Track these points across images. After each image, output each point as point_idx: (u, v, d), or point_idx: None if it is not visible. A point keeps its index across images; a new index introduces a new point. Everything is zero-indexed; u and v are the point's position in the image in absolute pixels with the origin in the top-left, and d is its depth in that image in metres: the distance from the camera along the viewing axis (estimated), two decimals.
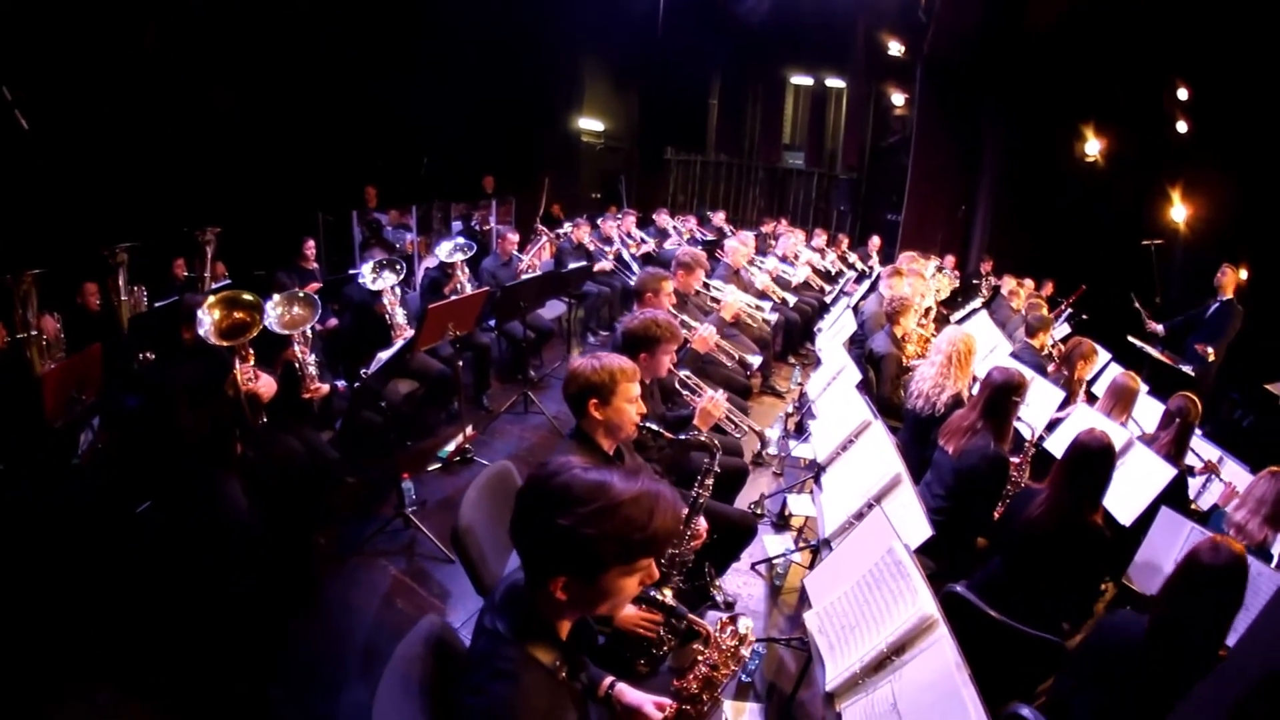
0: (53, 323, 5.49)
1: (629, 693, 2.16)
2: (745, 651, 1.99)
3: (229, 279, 7.03)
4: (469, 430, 5.80)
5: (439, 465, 5.56)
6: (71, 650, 3.65)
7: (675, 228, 10.50)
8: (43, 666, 3.55)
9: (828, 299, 8.83)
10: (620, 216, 9.89)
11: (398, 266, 5.67)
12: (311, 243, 7.94)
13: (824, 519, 3.65)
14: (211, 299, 4.01)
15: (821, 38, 14.32)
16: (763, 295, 7.19)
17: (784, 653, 3.92)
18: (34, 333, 5.14)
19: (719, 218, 12.04)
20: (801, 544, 4.70)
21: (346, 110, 10.53)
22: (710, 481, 3.01)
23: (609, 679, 2.20)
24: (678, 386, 4.16)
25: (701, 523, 3.07)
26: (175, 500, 4.21)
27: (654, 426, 3.09)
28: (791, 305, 7.99)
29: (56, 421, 4.35)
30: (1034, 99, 12.38)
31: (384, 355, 4.73)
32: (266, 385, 4.07)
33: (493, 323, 6.76)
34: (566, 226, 8.91)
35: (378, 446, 5.46)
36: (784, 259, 8.90)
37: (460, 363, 5.64)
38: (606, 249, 8.82)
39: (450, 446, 5.69)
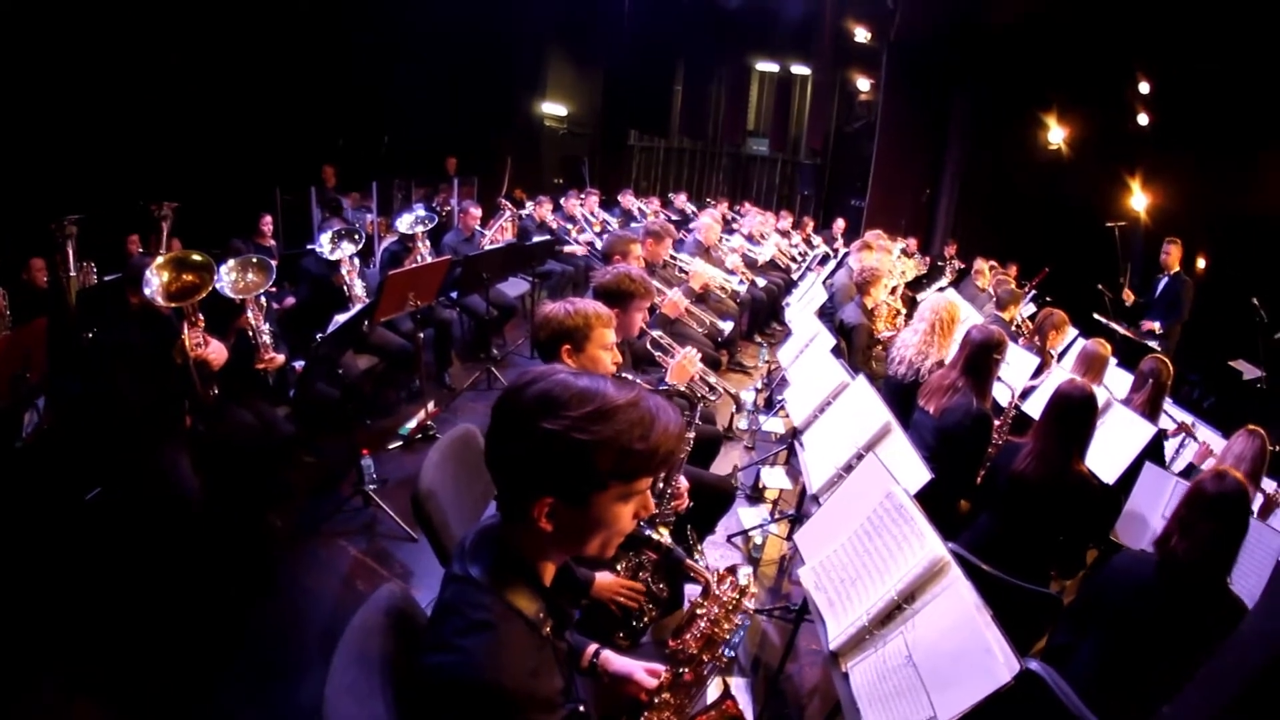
0: None
1: (616, 660, 1.95)
2: (748, 604, 1.79)
3: None
4: (431, 407, 5.62)
5: (400, 443, 5.39)
6: (13, 641, 3.42)
7: (640, 209, 10.42)
8: None
9: (795, 277, 8.76)
10: (584, 196, 9.75)
11: (356, 237, 5.47)
12: (269, 219, 7.85)
13: (810, 476, 3.50)
14: (160, 260, 3.79)
15: (787, 24, 14.37)
16: (731, 273, 7.09)
17: (767, 625, 3.82)
18: None
19: (681, 199, 12.04)
20: (777, 515, 4.60)
21: (307, 87, 10.30)
22: (691, 435, 2.90)
23: (593, 646, 1.98)
24: (649, 347, 4.01)
25: (683, 481, 2.92)
26: (122, 478, 3.97)
27: (630, 377, 2.93)
28: (759, 286, 7.91)
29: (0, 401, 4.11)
30: (999, 87, 12.60)
31: (341, 318, 4.53)
32: (217, 352, 3.86)
33: (455, 295, 6.55)
34: (530, 205, 8.76)
35: (335, 423, 5.21)
36: (750, 238, 8.82)
37: (421, 336, 5.46)
38: (570, 227, 8.69)
39: (412, 424, 5.52)
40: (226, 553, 3.97)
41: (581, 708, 1.65)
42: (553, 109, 15.39)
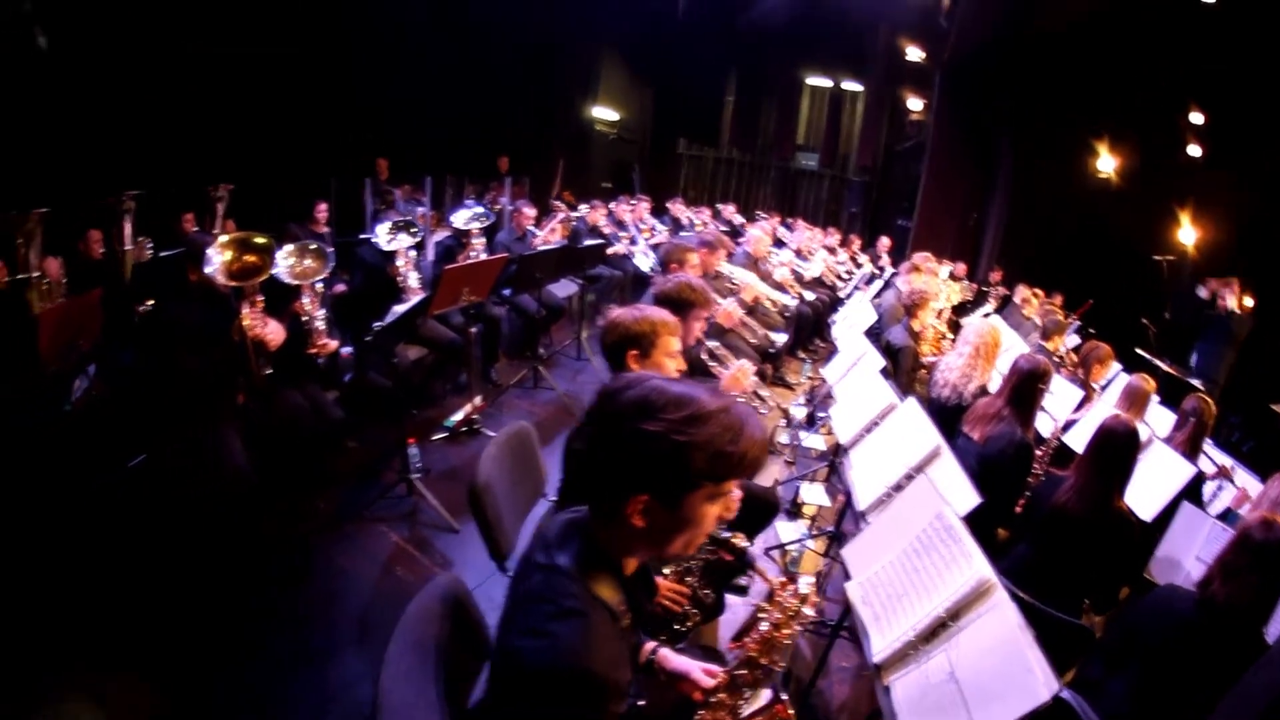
0: (56, 266, 5.40)
1: (673, 658, 1.99)
2: (808, 612, 1.85)
3: None
4: (478, 401, 5.69)
5: (445, 434, 5.47)
6: (50, 612, 3.49)
7: (689, 218, 10.46)
8: (21, 631, 3.40)
9: (841, 294, 8.77)
10: (634, 203, 9.84)
11: (414, 230, 5.55)
12: (324, 206, 7.87)
13: (857, 494, 3.56)
14: (224, 239, 3.90)
15: (841, 40, 14.35)
16: (779, 287, 7.11)
17: (800, 640, 3.86)
18: (35, 274, 5.05)
19: (730, 210, 12.01)
20: (816, 532, 4.66)
21: (365, 80, 10.56)
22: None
23: (651, 644, 2.04)
24: (704, 358, 4.09)
25: (735, 489, 2.99)
26: (174, 451, 4.01)
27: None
28: (806, 301, 7.95)
29: (51, 366, 4.22)
30: (1050, 113, 12.42)
31: (399, 309, 4.58)
32: (275, 332, 3.94)
33: (507, 293, 6.64)
34: (583, 208, 8.85)
35: (382, 411, 5.33)
36: (798, 253, 8.85)
37: (473, 330, 5.57)
38: (621, 234, 8.76)
39: (458, 416, 5.59)
40: (268, 532, 4.07)
41: (641, 701, 1.74)
42: (603, 113, 15.45)
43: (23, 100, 6.74)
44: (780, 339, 5.40)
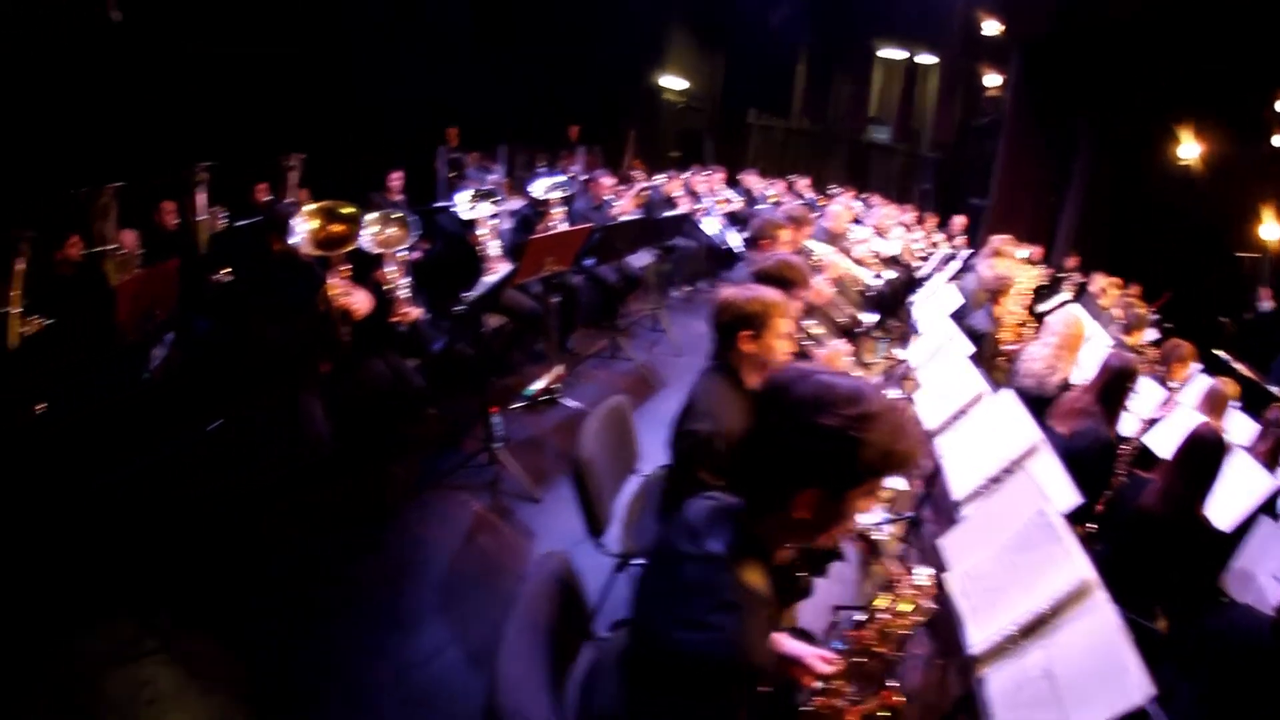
0: (132, 237, 5.50)
1: (789, 642, 1.99)
2: (926, 604, 1.88)
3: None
4: (558, 370, 5.72)
5: (523, 404, 5.49)
6: (131, 570, 3.54)
7: (763, 191, 10.39)
8: (97, 582, 3.46)
9: (919, 274, 8.62)
10: (708, 173, 9.77)
11: (495, 199, 5.55)
12: (398, 174, 7.90)
13: (951, 483, 3.54)
14: (310, 208, 3.93)
15: (916, 11, 14.00)
16: (859, 265, 7.03)
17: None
18: (111, 246, 5.14)
19: (803, 184, 11.84)
20: (895, 516, 4.66)
21: (434, 48, 10.60)
22: None
23: None
24: (800, 338, 4.08)
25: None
26: (257, 419, 4.00)
27: None
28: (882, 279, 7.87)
29: (129, 335, 4.27)
30: (1133, 95, 11.98)
31: (489, 280, 4.62)
32: (361, 301, 3.97)
33: (589, 263, 6.64)
34: (658, 178, 8.83)
35: (463, 379, 5.32)
36: (876, 231, 8.74)
37: (553, 300, 5.61)
38: (695, 205, 8.72)
39: (538, 385, 5.60)
40: (348, 499, 4.12)
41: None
42: (672, 82, 15.32)
43: (96, 75, 6.86)
44: (870, 319, 5.37)
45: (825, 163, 16.29)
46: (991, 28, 13.00)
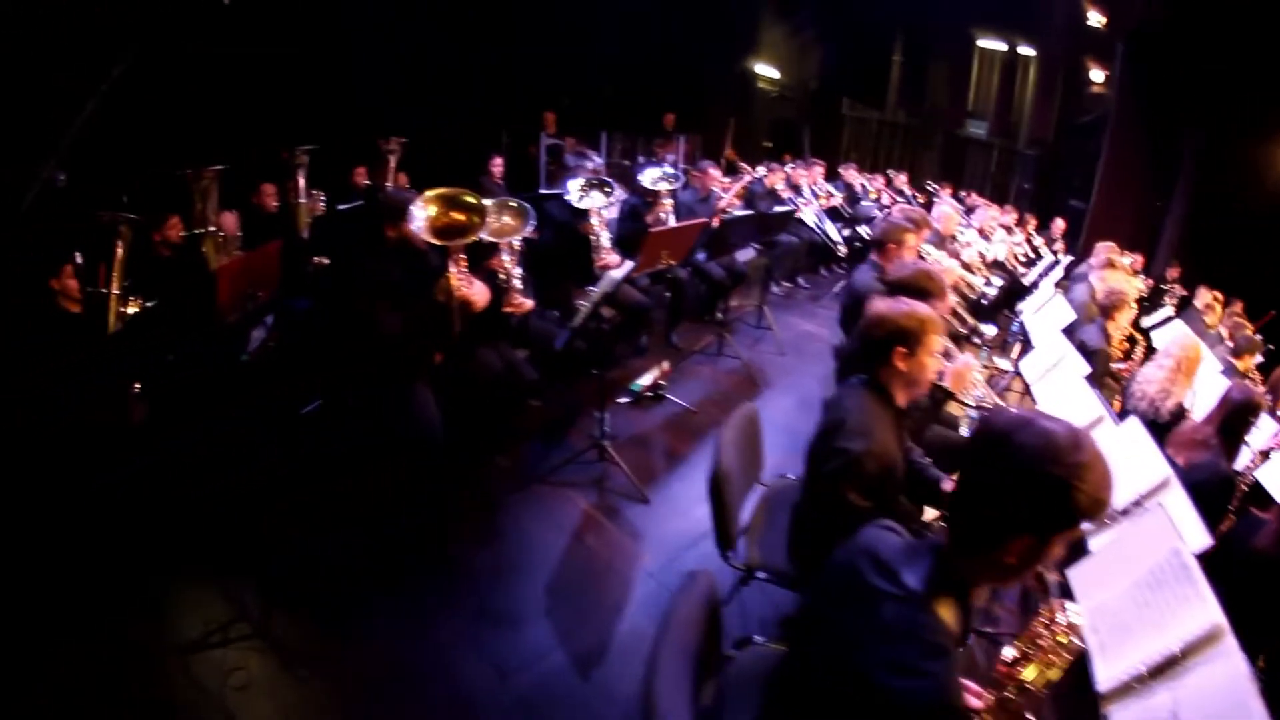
0: (232, 220, 5.53)
1: None
2: (1076, 643, 1.80)
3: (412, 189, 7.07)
4: (665, 366, 5.72)
5: (629, 399, 5.48)
6: (222, 552, 3.61)
7: (863, 185, 10.28)
8: (188, 558, 3.53)
9: (1026, 281, 8.37)
10: (809, 166, 9.69)
11: (607, 188, 5.46)
12: (500, 160, 7.97)
13: None
14: (430, 194, 3.83)
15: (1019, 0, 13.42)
16: (967, 269, 6.87)
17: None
18: (211, 229, 5.14)
19: (901, 179, 11.64)
20: None
21: (532, 34, 10.58)
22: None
23: None
24: None
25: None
26: (356, 404, 4.11)
27: (947, 385, 2.97)
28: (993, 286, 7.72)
29: (229, 317, 4.23)
30: (1246, 95, 11.35)
31: (614, 275, 4.46)
32: (481, 293, 3.89)
33: (701, 257, 6.55)
34: (761, 170, 8.81)
35: (567, 371, 5.32)
36: (980, 233, 8.56)
37: (669, 294, 5.62)
38: (797, 198, 8.64)
39: (645, 381, 5.59)
40: (454, 488, 4.07)
41: None
42: (765, 71, 15.12)
43: (200, 55, 6.95)
44: (990, 330, 5.30)
45: (919, 156, 15.93)
46: (1095, 19, 12.41)
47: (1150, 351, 6.07)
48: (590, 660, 3.28)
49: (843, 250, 8.92)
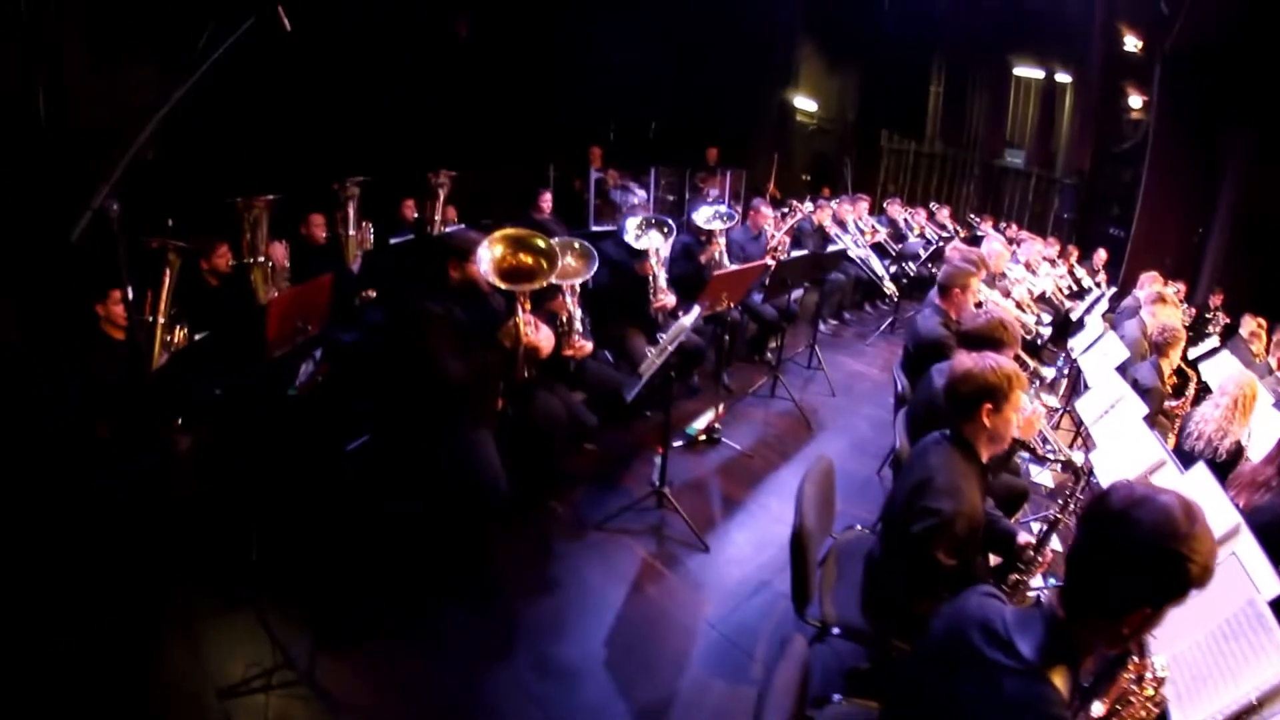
0: (281, 250, 5.43)
1: None
2: (1164, 696, 1.90)
3: (460, 224, 7.06)
4: (720, 409, 5.69)
5: (682, 442, 5.42)
6: (265, 587, 3.55)
7: (907, 219, 10.31)
8: (232, 596, 3.48)
9: (1074, 315, 8.24)
10: (854, 201, 9.70)
11: (665, 228, 5.46)
12: (548, 195, 7.81)
13: None
14: (498, 235, 3.75)
15: (1054, 24, 13.38)
16: (1019, 307, 6.91)
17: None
18: (261, 259, 5.03)
19: (944, 213, 11.61)
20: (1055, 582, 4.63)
21: (576, 70, 10.68)
22: (1073, 507, 2.82)
23: None
24: None
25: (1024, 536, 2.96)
26: (414, 450, 3.88)
27: (1019, 434, 2.91)
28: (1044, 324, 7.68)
29: (277, 350, 4.07)
30: None
31: (687, 322, 4.35)
32: (548, 339, 3.80)
33: (758, 298, 6.64)
34: (807, 206, 8.87)
35: (627, 414, 5.27)
36: (1026, 267, 8.54)
37: (722, 334, 5.66)
38: (843, 235, 8.67)
39: (700, 424, 5.58)
40: (507, 535, 4.02)
41: None
42: (804, 104, 15.15)
43: (258, 85, 6.84)
44: (1049, 372, 5.29)
45: (957, 186, 15.93)
46: (1132, 43, 12.36)
47: (1202, 387, 6.01)
48: (651, 715, 3.23)
49: (889, 287, 8.93)
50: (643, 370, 4.08)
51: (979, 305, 4.97)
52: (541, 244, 3.79)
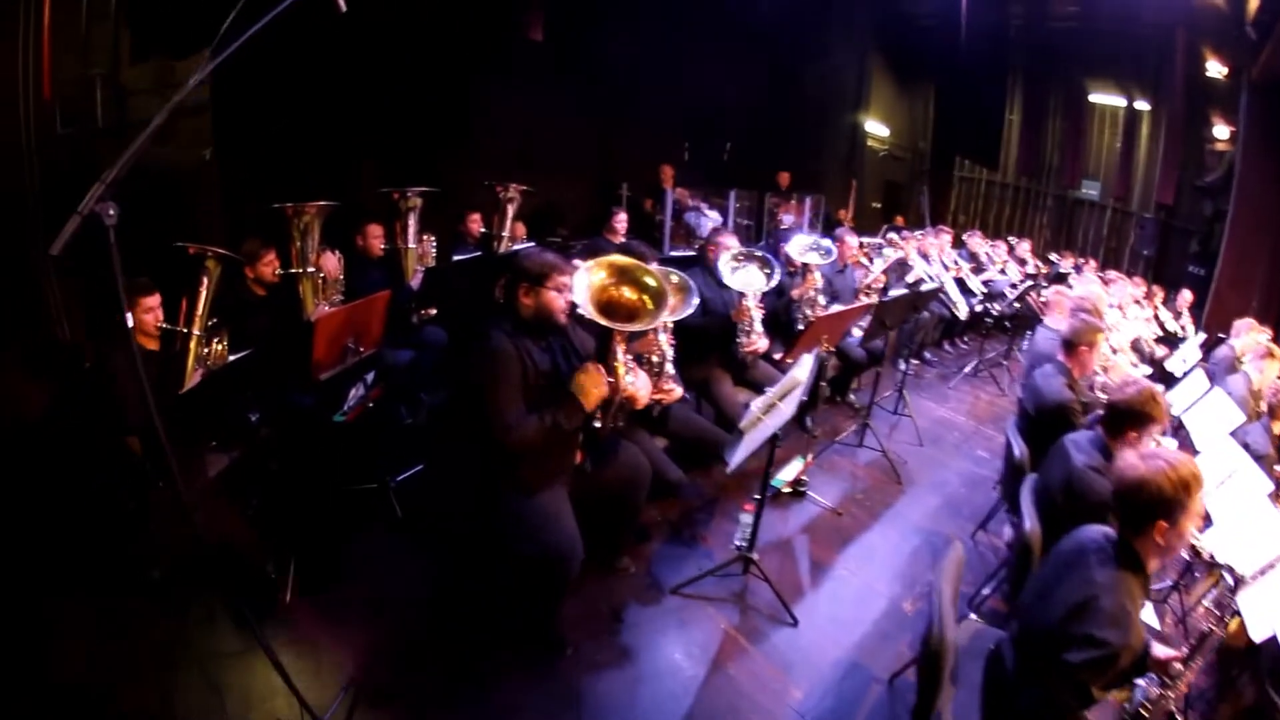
0: (334, 262, 5.06)
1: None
2: None
3: (529, 242, 6.78)
4: (808, 458, 5.24)
5: (761, 495, 4.71)
6: (300, 628, 3.35)
7: (988, 254, 9.94)
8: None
9: (1170, 366, 7.74)
10: (937, 234, 9.31)
11: (768, 270, 4.97)
12: (623, 215, 7.35)
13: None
14: (604, 259, 3.32)
15: (1133, 49, 12.94)
16: (1116, 352, 6.44)
17: None
18: (311, 269, 4.65)
19: (1024, 247, 11.13)
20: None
21: (652, 84, 10.42)
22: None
23: None
24: None
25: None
26: (470, 498, 3.49)
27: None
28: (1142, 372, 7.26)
29: (324, 372, 3.84)
30: None
31: (800, 375, 4.00)
32: (645, 388, 3.36)
33: (855, 340, 6.29)
34: (914, 241, 8.55)
35: (706, 460, 4.84)
36: (1118, 310, 8.11)
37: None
38: (930, 270, 8.28)
39: (786, 475, 5.09)
40: (574, 592, 3.55)
41: None
42: (875, 128, 14.86)
43: (311, 83, 6.71)
44: (1171, 444, 4.90)
45: (1030, 218, 15.47)
46: (1214, 69, 11.73)
47: None
48: None
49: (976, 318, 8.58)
50: (744, 427, 3.62)
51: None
52: (652, 281, 3.34)
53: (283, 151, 6.44)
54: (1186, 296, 11.27)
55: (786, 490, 5.06)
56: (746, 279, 4.93)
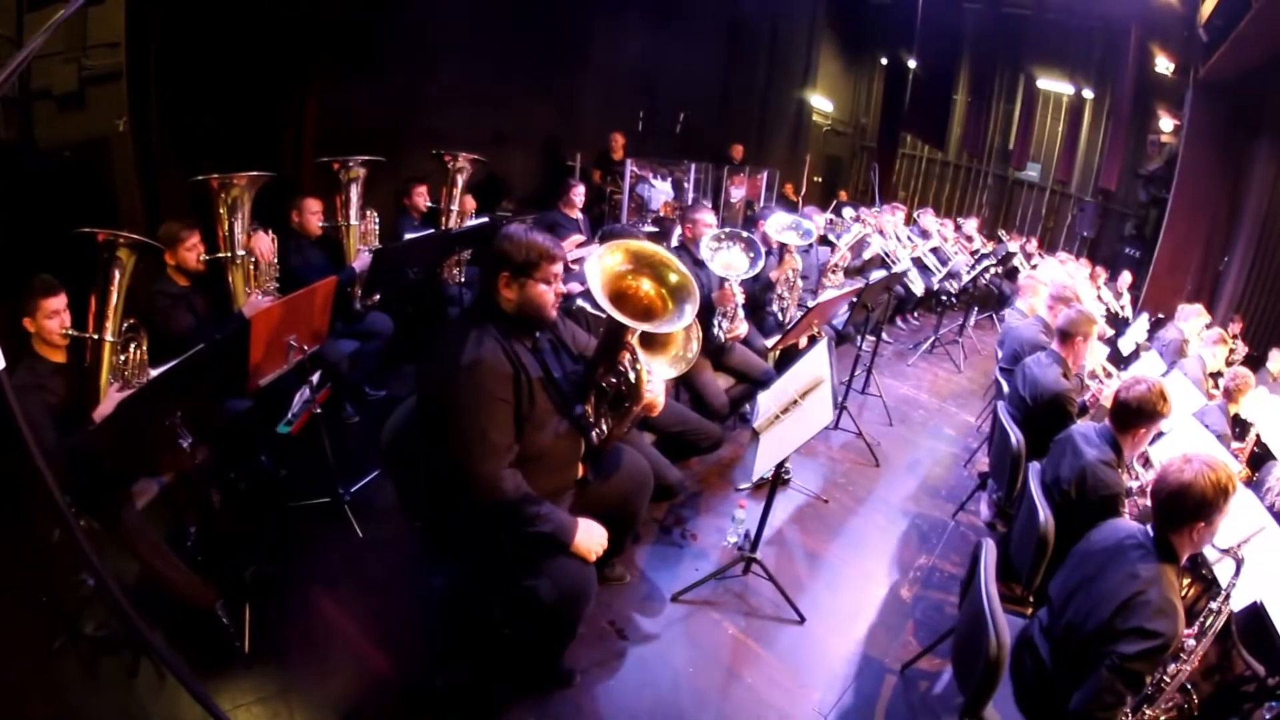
0: (267, 242, 4.47)
1: None
2: None
3: (480, 216, 6.39)
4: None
5: (748, 485, 4.67)
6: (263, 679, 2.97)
7: (939, 231, 9.87)
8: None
9: (1121, 346, 7.85)
10: (892, 210, 9.19)
11: (752, 253, 4.67)
12: (581, 189, 6.89)
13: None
14: (622, 242, 2.78)
15: (1083, 40, 13.39)
16: None
17: None
18: (241, 253, 4.15)
19: (971, 225, 11.15)
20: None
21: (603, 51, 10.00)
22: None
23: None
24: None
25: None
26: (483, 561, 2.82)
27: None
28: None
29: (263, 377, 3.45)
30: None
31: (822, 371, 3.74)
32: (663, 393, 2.98)
33: (838, 323, 6.17)
34: (887, 217, 8.57)
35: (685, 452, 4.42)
36: None
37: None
38: (887, 247, 8.12)
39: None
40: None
41: None
42: (820, 104, 14.78)
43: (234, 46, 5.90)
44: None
45: (968, 196, 15.65)
46: (1163, 65, 12.04)
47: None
48: None
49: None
50: (759, 427, 3.55)
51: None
52: (675, 277, 2.77)
53: (208, 119, 5.67)
54: (1126, 278, 11.47)
55: (770, 479, 4.82)
56: (728, 261, 4.70)
